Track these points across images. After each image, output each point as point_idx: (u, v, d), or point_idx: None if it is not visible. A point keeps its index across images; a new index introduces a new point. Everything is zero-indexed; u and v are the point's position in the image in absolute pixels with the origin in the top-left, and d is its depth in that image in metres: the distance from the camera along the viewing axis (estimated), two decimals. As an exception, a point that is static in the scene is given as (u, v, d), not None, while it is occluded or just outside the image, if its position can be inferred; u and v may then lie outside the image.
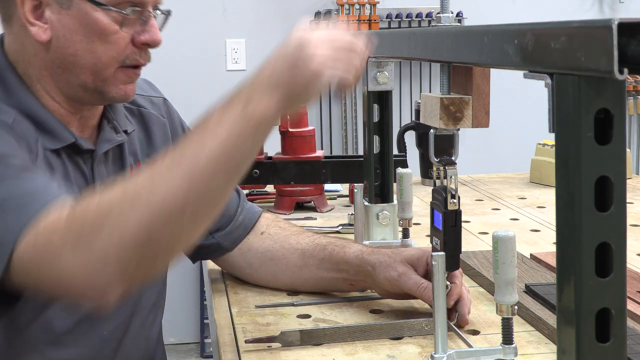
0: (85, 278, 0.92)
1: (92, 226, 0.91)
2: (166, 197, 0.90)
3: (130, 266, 0.91)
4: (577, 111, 0.65)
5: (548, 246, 1.62)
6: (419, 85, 4.02)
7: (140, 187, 0.92)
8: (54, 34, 1.14)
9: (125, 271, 0.91)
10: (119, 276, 0.91)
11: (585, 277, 0.67)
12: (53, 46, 1.15)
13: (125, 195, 0.92)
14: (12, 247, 0.95)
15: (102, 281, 0.91)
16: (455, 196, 1.04)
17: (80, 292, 0.94)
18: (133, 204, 0.91)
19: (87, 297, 0.95)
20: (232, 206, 1.42)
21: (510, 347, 0.99)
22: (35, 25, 1.14)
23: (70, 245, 0.92)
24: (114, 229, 0.90)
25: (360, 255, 1.29)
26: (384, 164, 1.52)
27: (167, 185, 0.91)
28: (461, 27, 0.95)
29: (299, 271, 1.36)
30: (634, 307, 1.19)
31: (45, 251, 0.94)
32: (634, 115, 4.12)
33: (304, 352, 1.12)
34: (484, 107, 1.00)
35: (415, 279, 1.21)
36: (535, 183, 2.32)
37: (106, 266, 0.90)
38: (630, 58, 0.60)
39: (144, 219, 0.90)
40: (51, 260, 0.93)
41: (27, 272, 0.96)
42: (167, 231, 0.91)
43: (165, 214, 0.90)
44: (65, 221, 0.94)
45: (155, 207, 0.90)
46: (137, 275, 0.94)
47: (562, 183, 0.68)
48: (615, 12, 4.12)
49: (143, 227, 0.90)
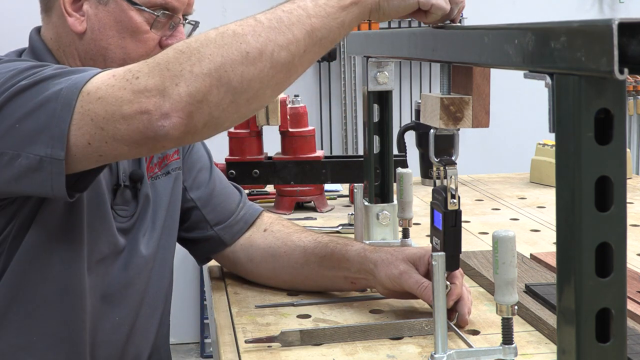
0: (155, 93, 0.95)
1: (172, 56, 0.96)
2: (248, 38, 0.95)
3: (197, 96, 0.94)
4: (577, 111, 0.65)
5: (548, 246, 1.62)
6: (419, 85, 4.02)
7: (226, 29, 0.97)
8: (89, 27, 1.21)
9: (191, 99, 0.94)
10: (185, 101, 0.94)
11: (585, 277, 0.67)
12: (87, 38, 1.21)
13: (209, 35, 0.97)
14: (79, 90, 0.99)
15: (168, 102, 0.95)
16: (455, 196, 1.04)
17: (145, 108, 0.95)
18: (215, 40, 0.96)
19: (151, 115, 0.96)
20: (234, 201, 1.44)
21: (510, 347, 0.99)
22: (72, 16, 1.21)
23: (149, 69, 0.97)
24: (190, 59, 0.95)
25: (362, 253, 1.29)
26: (384, 164, 1.52)
27: (253, 29, 0.96)
28: (461, 27, 0.95)
29: (300, 268, 1.36)
30: (634, 307, 1.19)
31: (120, 80, 0.98)
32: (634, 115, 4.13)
33: (304, 352, 1.12)
34: (484, 107, 1.00)
35: (417, 277, 1.21)
36: (535, 183, 2.32)
37: (177, 86, 0.94)
38: (630, 58, 0.60)
39: (220, 54, 0.95)
40: (125, 84, 0.97)
41: (90, 106, 0.99)
42: (238, 71, 0.95)
43: (242, 54, 0.95)
44: (149, 59, 0.99)
45: (235, 45, 0.95)
46: (202, 112, 0.96)
47: (562, 183, 0.68)
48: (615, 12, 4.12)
49: (218, 61, 0.94)
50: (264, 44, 0.95)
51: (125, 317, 1.28)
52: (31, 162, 1.01)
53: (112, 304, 1.26)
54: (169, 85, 0.95)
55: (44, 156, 1.00)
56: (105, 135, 0.98)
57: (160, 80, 0.95)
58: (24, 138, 1.01)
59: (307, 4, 0.99)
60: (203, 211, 1.42)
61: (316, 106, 3.97)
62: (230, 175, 1.93)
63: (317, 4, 0.99)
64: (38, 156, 1.00)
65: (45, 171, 1.00)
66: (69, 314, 1.20)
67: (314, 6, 0.99)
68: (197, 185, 1.42)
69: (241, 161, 1.96)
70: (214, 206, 1.43)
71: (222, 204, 1.43)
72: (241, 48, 0.95)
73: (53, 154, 1.00)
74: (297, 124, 1.98)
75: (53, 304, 1.19)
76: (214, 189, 1.44)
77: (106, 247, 1.24)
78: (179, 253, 1.48)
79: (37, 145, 1.00)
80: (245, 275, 1.44)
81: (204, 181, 1.43)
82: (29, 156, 1.01)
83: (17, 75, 1.04)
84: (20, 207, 1.14)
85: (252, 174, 1.95)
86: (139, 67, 0.98)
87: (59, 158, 1.00)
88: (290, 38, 0.97)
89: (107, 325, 1.25)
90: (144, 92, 0.95)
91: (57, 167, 1.00)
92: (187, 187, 1.41)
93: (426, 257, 1.24)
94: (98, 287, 1.23)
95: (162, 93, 0.95)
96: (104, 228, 1.23)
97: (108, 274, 1.25)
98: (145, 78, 0.96)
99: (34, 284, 1.17)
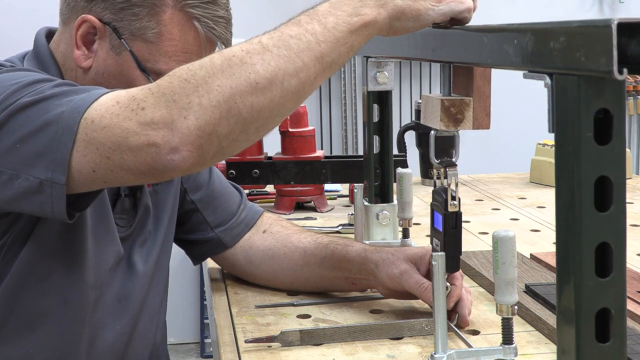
0: (163, 126, 0.92)
1: (178, 85, 0.93)
2: (257, 68, 0.92)
3: (207, 129, 0.92)
4: (577, 111, 0.65)
5: (548, 246, 1.62)
6: (419, 85, 4.02)
7: (232, 56, 0.93)
8: (95, 67, 1.18)
9: (201, 132, 0.92)
10: (194, 135, 0.92)
11: (585, 277, 0.67)
12: (90, 75, 1.18)
13: (215, 62, 0.93)
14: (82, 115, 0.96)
15: (177, 136, 0.92)
16: (456, 198, 1.04)
17: (153, 141, 0.92)
18: (222, 70, 0.92)
19: (159, 149, 0.93)
20: (235, 203, 1.44)
21: (510, 347, 0.99)
22: (80, 49, 1.18)
23: (154, 99, 0.93)
24: (198, 90, 0.91)
25: (362, 254, 1.29)
26: (384, 164, 1.52)
27: (261, 57, 0.93)
28: (461, 27, 0.95)
29: (300, 270, 1.36)
30: (634, 307, 1.19)
31: (125, 109, 0.94)
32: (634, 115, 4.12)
33: (304, 352, 1.12)
34: (484, 109, 1.00)
35: (417, 278, 1.21)
36: (535, 183, 2.32)
37: (186, 119, 0.91)
38: (630, 58, 0.60)
39: (229, 85, 0.91)
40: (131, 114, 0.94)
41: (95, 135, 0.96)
42: (248, 102, 0.92)
43: (252, 84, 0.91)
44: (149, 85, 0.96)
45: (243, 75, 0.92)
46: (212, 143, 0.93)
47: (562, 183, 0.68)
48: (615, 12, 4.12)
49: (227, 93, 0.91)
50: (273, 73, 0.92)
51: (125, 326, 1.27)
52: (31, 184, 0.99)
53: (114, 314, 1.25)
54: (177, 118, 0.91)
55: (45, 179, 0.98)
56: (112, 164, 0.96)
57: (167, 112, 0.92)
58: (23, 159, 0.99)
59: (316, 28, 0.95)
60: (204, 213, 1.41)
61: (316, 106, 3.97)
62: (230, 175, 1.93)
63: (326, 28, 0.95)
64: (38, 179, 0.98)
65: (46, 194, 0.99)
66: (69, 326, 1.18)
67: (322, 31, 0.95)
68: (197, 186, 1.42)
69: (241, 161, 1.96)
70: (214, 208, 1.42)
71: (223, 205, 1.43)
72: (250, 78, 0.92)
73: (54, 178, 0.98)
74: (297, 124, 1.98)
75: (52, 317, 1.17)
76: (214, 190, 1.43)
77: (111, 257, 1.23)
78: (179, 253, 1.48)
79: (37, 168, 0.98)
80: (244, 276, 1.43)
81: (204, 182, 1.43)
82: (28, 178, 0.99)
83: (18, 91, 1.01)
84: (15, 220, 1.11)
85: (252, 174, 1.95)
86: (143, 96, 0.94)
87: (60, 182, 0.98)
88: (299, 66, 0.93)
89: (108, 335, 1.24)
90: (151, 124, 0.92)
91: (58, 191, 0.98)
92: (187, 189, 1.41)
93: (427, 257, 1.23)
94: (101, 297, 1.22)
95: (170, 126, 0.92)
96: (109, 238, 1.22)
97: (111, 284, 1.24)
98: (151, 109, 0.93)
99: (33, 296, 1.16)
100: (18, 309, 1.15)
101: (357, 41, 0.96)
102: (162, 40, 1.16)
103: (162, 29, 1.16)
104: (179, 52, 1.17)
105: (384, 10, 0.96)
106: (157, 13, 1.16)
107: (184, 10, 1.16)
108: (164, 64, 1.16)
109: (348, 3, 0.96)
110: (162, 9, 1.16)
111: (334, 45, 0.95)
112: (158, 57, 1.16)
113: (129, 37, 1.16)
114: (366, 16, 0.96)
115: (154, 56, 1.16)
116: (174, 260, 1.41)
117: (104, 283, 1.23)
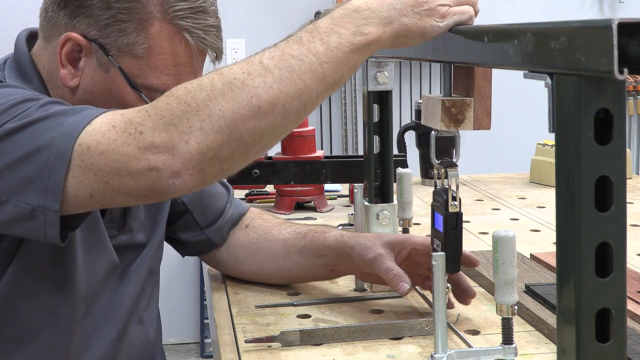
0: (164, 150, 0.90)
1: (177, 109, 0.90)
2: (259, 91, 0.90)
3: (209, 154, 0.90)
4: (577, 111, 0.65)
5: (548, 246, 1.62)
6: (419, 85, 4.02)
7: (233, 78, 0.91)
8: (82, 85, 1.13)
9: (203, 156, 0.90)
10: (196, 159, 0.90)
11: (585, 277, 0.67)
12: (78, 95, 1.14)
13: (215, 84, 0.91)
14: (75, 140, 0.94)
15: (179, 160, 0.90)
16: (457, 198, 1.04)
17: (154, 165, 0.91)
18: (224, 93, 0.90)
19: (160, 173, 0.91)
20: (222, 201, 1.43)
21: (510, 347, 0.99)
22: (66, 68, 1.13)
23: (152, 122, 0.91)
24: (199, 114, 0.89)
25: (340, 239, 1.29)
26: (384, 164, 1.52)
27: (262, 79, 0.90)
28: (461, 27, 0.95)
29: (282, 261, 1.36)
30: (634, 307, 1.19)
31: (122, 133, 0.92)
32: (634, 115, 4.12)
33: (304, 352, 1.12)
34: (485, 109, 1.00)
35: (388, 264, 1.20)
36: (535, 183, 2.32)
37: (187, 144, 0.90)
38: (630, 58, 0.60)
39: (231, 108, 0.89)
40: (129, 139, 0.92)
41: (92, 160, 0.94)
42: (250, 125, 0.90)
43: (254, 108, 0.89)
44: (146, 107, 0.93)
45: (245, 99, 0.89)
46: (213, 166, 0.92)
47: (562, 183, 0.68)
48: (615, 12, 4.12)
49: (229, 117, 0.89)
50: (275, 96, 0.90)
51: (119, 331, 1.25)
52: (22, 210, 0.97)
53: (108, 320, 1.24)
54: (178, 142, 0.90)
55: (37, 206, 0.96)
56: (110, 189, 0.95)
57: (167, 136, 0.90)
58: (11, 186, 0.97)
59: (318, 48, 0.92)
60: (194, 214, 1.40)
61: (316, 106, 3.96)
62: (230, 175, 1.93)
63: (328, 48, 0.92)
64: (30, 205, 0.96)
65: (39, 220, 0.97)
66: (60, 339, 1.17)
67: (325, 51, 0.92)
68: None
69: (241, 161, 1.95)
70: (203, 208, 1.41)
71: (212, 205, 1.42)
72: (252, 102, 0.90)
73: (47, 205, 0.96)
74: (297, 124, 1.98)
75: (43, 332, 1.15)
76: (204, 190, 1.41)
77: (103, 267, 1.22)
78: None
79: (28, 195, 0.96)
80: (231, 273, 1.43)
81: None
82: (19, 204, 0.96)
83: (3, 114, 0.98)
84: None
85: (252, 174, 1.95)
86: (140, 119, 0.92)
87: (53, 209, 0.96)
88: (302, 88, 0.91)
89: (101, 342, 1.23)
90: (151, 148, 0.90)
91: (52, 217, 0.96)
92: None
93: (407, 243, 1.23)
94: (92, 307, 1.21)
95: (171, 150, 0.90)
96: (101, 248, 1.21)
97: (103, 292, 1.22)
98: (150, 133, 0.91)
99: (22, 314, 1.14)
100: (7, 325, 1.14)
101: (360, 60, 0.95)
102: (152, 54, 1.12)
103: (152, 43, 1.11)
104: (170, 66, 1.13)
105: (390, 28, 0.94)
106: (145, 27, 1.11)
107: (173, 23, 1.12)
108: (155, 79, 1.12)
109: (351, 20, 0.94)
110: (150, 22, 1.11)
111: (337, 65, 0.92)
112: (148, 72, 1.12)
113: (116, 53, 1.11)
114: (370, 35, 0.93)
115: (144, 71, 1.12)
116: (174, 260, 1.41)
117: (96, 292, 1.21)
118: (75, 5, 1.12)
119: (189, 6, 1.12)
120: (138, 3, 1.10)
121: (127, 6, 1.10)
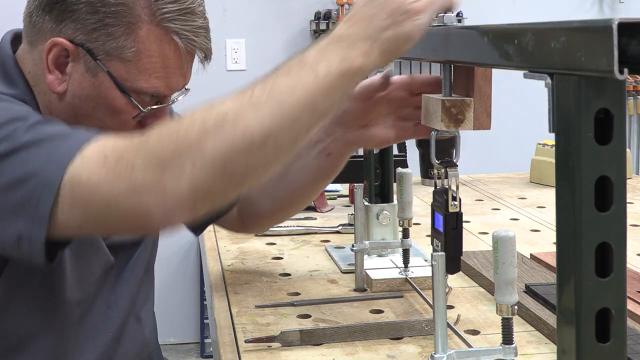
0: (155, 190, 0.89)
1: (169, 147, 0.89)
2: (251, 127, 0.88)
3: (201, 192, 0.89)
4: (577, 111, 0.65)
5: (548, 246, 1.62)
6: (419, 85, 4.02)
7: (224, 114, 0.89)
8: (70, 91, 1.11)
9: (195, 195, 0.89)
10: (188, 198, 0.89)
11: (585, 277, 0.67)
12: (66, 101, 1.11)
13: (206, 121, 0.89)
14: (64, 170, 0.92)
15: (170, 201, 0.89)
16: (457, 198, 1.04)
17: (146, 205, 0.89)
18: (215, 130, 0.88)
19: (151, 212, 0.90)
20: None
21: (510, 347, 0.99)
22: (53, 73, 1.10)
23: (143, 161, 0.89)
24: (191, 152, 0.88)
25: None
26: (384, 164, 1.52)
27: (254, 114, 0.89)
28: (461, 27, 0.95)
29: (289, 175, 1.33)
30: (634, 307, 1.19)
31: (113, 170, 0.90)
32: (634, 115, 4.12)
33: (304, 352, 1.12)
34: (485, 109, 1.00)
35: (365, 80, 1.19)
36: (535, 183, 2.32)
37: (179, 183, 0.88)
38: (630, 58, 0.60)
39: (223, 146, 0.88)
40: (120, 176, 0.90)
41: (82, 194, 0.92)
42: (243, 162, 0.89)
43: (246, 144, 0.88)
44: (137, 142, 0.91)
45: (238, 136, 0.88)
46: (205, 203, 0.91)
47: (562, 183, 0.68)
48: (615, 12, 4.12)
49: (222, 154, 0.88)
50: (267, 132, 0.88)
51: (116, 331, 1.25)
52: (9, 237, 0.95)
53: (105, 321, 1.23)
54: (169, 182, 0.88)
55: (23, 233, 0.94)
56: (100, 222, 0.93)
57: (158, 176, 0.88)
58: None
59: (307, 79, 0.90)
60: None
61: (316, 106, 3.97)
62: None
63: (317, 76, 0.90)
64: (16, 232, 0.94)
65: (23, 248, 0.95)
66: (56, 344, 1.16)
67: (314, 80, 0.90)
68: None
69: (241, 161, 1.95)
70: None
71: None
72: (245, 140, 0.88)
73: (32, 233, 0.94)
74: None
75: (38, 338, 1.15)
76: None
77: (98, 269, 1.21)
78: (179, 253, 1.48)
79: (14, 223, 0.94)
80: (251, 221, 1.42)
81: None
82: (5, 230, 0.95)
83: None
84: None
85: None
86: (131, 156, 0.90)
87: (39, 239, 0.94)
88: (293, 119, 0.90)
89: (97, 343, 1.23)
90: (143, 187, 0.89)
91: (37, 245, 0.94)
92: None
93: (380, 80, 1.21)
94: (88, 310, 1.20)
95: (162, 191, 0.88)
96: (94, 250, 1.20)
97: (99, 293, 1.22)
98: (141, 173, 0.89)
99: (15, 324, 1.13)
100: (1, 334, 1.14)
101: (351, 87, 0.93)
102: (141, 57, 1.09)
103: (140, 46, 1.09)
104: (159, 68, 1.10)
105: (376, 47, 0.92)
106: (133, 30, 1.08)
107: (162, 25, 1.09)
108: (144, 82, 1.10)
109: (335, 50, 0.92)
110: (138, 25, 1.09)
111: (326, 94, 0.91)
112: (137, 76, 1.10)
113: (104, 57, 1.09)
114: (357, 60, 0.92)
115: (132, 75, 1.10)
116: (174, 260, 1.41)
117: (92, 295, 1.21)
118: (60, 10, 1.09)
119: (177, 8, 1.11)
120: (125, 6, 1.08)
121: (114, 10, 1.08)
